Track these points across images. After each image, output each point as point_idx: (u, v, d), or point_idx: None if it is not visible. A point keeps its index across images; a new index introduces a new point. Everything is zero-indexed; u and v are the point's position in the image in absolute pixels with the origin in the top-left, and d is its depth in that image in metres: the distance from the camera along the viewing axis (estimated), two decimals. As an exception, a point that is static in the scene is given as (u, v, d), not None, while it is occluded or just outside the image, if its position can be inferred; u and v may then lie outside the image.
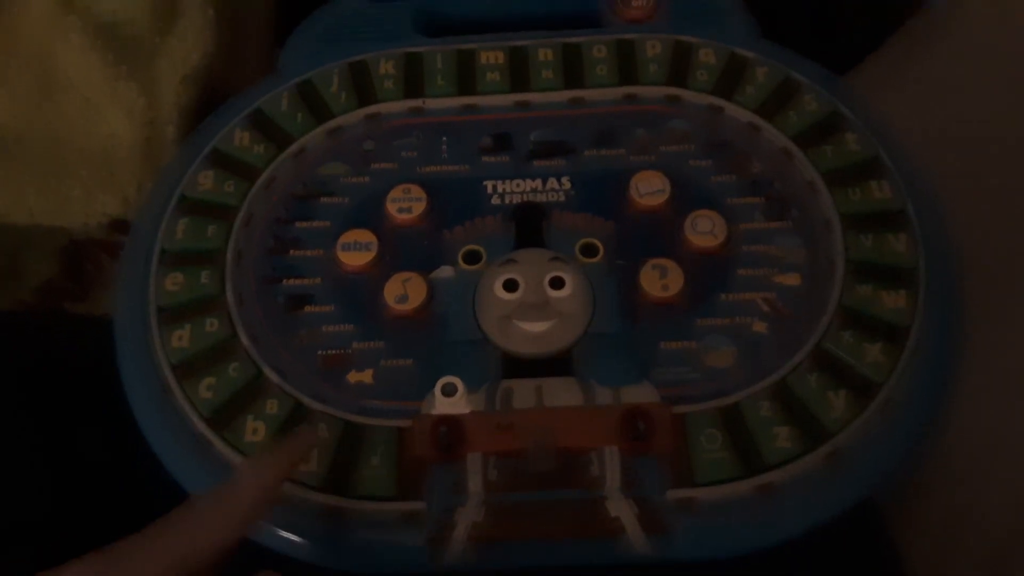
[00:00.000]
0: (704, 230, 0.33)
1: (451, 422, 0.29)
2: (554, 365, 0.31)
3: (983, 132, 0.40)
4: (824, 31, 0.45)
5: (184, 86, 0.42)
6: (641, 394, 0.29)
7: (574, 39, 0.38)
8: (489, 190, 0.35)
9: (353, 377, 0.31)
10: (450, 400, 0.29)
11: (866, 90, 0.42)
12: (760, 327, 0.31)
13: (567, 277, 0.32)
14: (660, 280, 0.32)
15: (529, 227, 0.34)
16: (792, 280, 0.32)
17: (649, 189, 0.34)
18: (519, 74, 0.37)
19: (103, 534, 0.23)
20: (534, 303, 0.31)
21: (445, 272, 0.33)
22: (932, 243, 0.32)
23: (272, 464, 0.25)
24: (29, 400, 0.38)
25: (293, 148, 0.36)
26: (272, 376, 0.30)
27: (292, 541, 0.28)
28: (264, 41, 0.47)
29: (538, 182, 0.35)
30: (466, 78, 0.37)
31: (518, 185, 0.35)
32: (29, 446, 0.37)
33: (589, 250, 0.33)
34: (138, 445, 0.30)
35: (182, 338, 0.31)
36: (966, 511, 0.36)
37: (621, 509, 0.28)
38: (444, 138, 0.36)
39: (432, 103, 0.37)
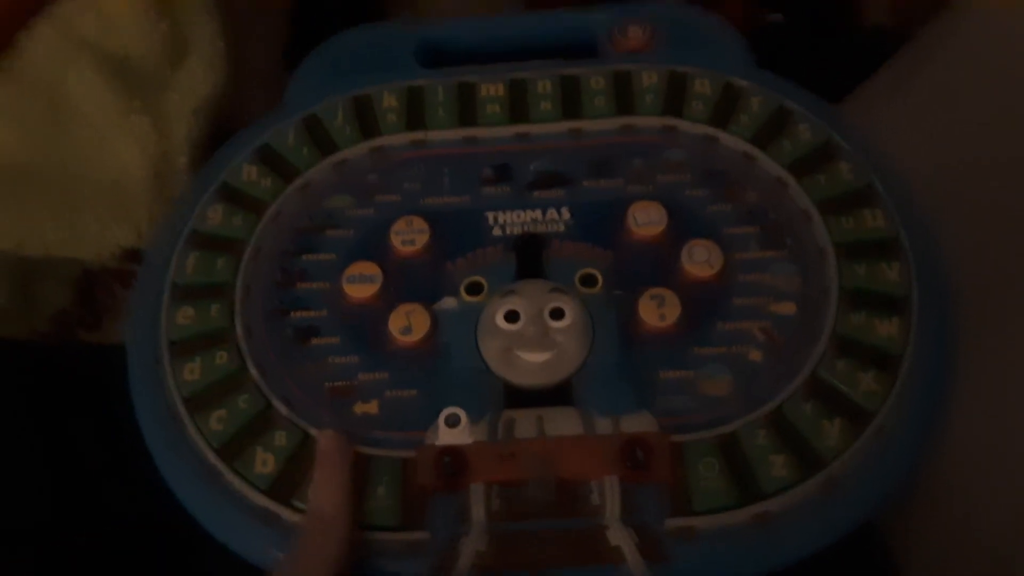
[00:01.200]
0: (700, 259, 0.34)
1: (454, 452, 0.29)
2: (555, 395, 0.31)
3: (978, 156, 0.41)
4: (819, 59, 0.46)
5: (195, 118, 0.43)
6: (640, 423, 0.30)
7: (572, 71, 0.39)
8: (490, 221, 0.36)
9: (359, 408, 0.32)
10: (453, 431, 0.30)
11: (860, 117, 0.43)
12: (756, 355, 0.32)
13: (566, 308, 0.32)
14: (658, 310, 0.33)
15: (529, 258, 0.35)
16: (787, 309, 0.33)
17: (646, 219, 0.35)
18: (518, 106, 0.38)
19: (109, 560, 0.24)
20: (534, 334, 0.32)
21: (448, 303, 0.33)
22: (925, 271, 0.33)
23: (325, 493, 0.27)
24: (43, 427, 0.39)
25: (299, 181, 0.37)
26: (281, 408, 0.31)
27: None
28: (274, 71, 0.48)
29: (538, 212, 0.36)
30: (467, 110, 0.38)
31: (518, 216, 0.36)
32: (42, 473, 0.38)
33: (588, 280, 0.34)
34: (147, 472, 0.31)
35: (193, 371, 0.32)
36: (965, 523, 0.37)
37: (621, 538, 0.28)
38: (446, 170, 0.37)
39: (434, 135, 0.38)
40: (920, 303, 0.32)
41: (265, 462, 0.30)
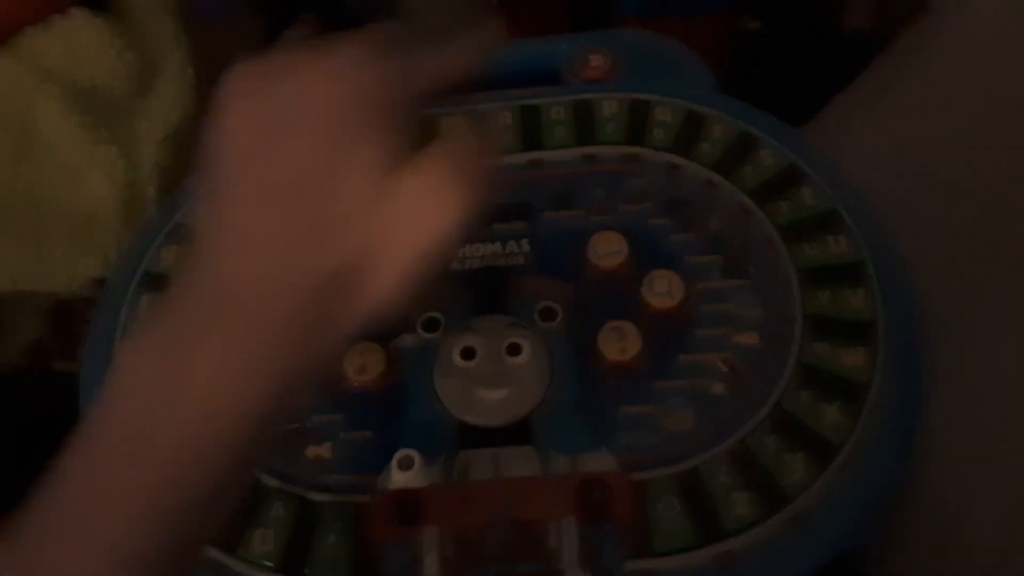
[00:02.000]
0: (661, 291, 0.33)
1: (408, 496, 0.28)
2: (513, 433, 0.31)
3: (945, 176, 0.40)
4: (800, 64, 0.45)
5: (163, 146, 0.43)
6: (598, 463, 0.29)
7: (532, 101, 0.39)
8: (449, 255, 0.35)
9: (312, 451, 0.31)
10: (407, 473, 0.29)
11: (837, 130, 0.43)
12: (719, 388, 0.31)
13: (524, 344, 0.32)
14: (618, 343, 0.32)
15: (488, 293, 0.34)
16: (750, 339, 0.32)
17: (607, 250, 0.34)
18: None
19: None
20: (491, 371, 0.31)
21: (404, 341, 0.33)
22: (892, 297, 0.32)
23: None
24: (17, 457, 0.38)
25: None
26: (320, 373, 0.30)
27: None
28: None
29: (498, 245, 0.35)
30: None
31: (478, 248, 0.35)
32: (17, 502, 0.37)
33: (547, 314, 0.33)
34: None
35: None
36: (953, 537, 0.36)
37: (579, 582, 0.27)
38: (405, 204, 0.37)
39: (393, 169, 0.38)
40: (886, 330, 0.31)
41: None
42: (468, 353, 0.32)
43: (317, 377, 0.23)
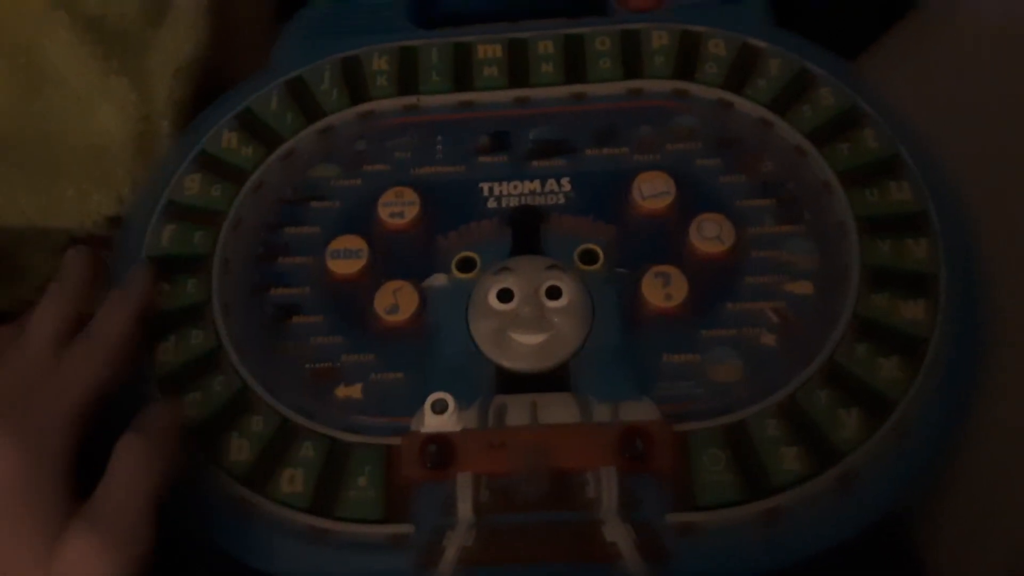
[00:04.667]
0: (710, 235, 0.31)
1: (441, 440, 0.27)
2: (550, 379, 0.29)
3: (1004, 115, 0.38)
4: (833, 16, 0.42)
5: (178, 79, 0.41)
6: (640, 411, 0.28)
7: (576, 30, 0.36)
8: (485, 192, 0.33)
9: (342, 392, 0.30)
10: (440, 417, 0.28)
11: (879, 75, 0.40)
12: (768, 339, 0.30)
13: (564, 287, 0.30)
14: (663, 289, 0.30)
15: (526, 232, 0.32)
16: (803, 288, 0.30)
17: (653, 191, 0.32)
18: (518, 69, 0.36)
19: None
20: (529, 314, 0.30)
21: (438, 280, 0.31)
22: (955, 249, 0.30)
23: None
24: None
25: (282, 149, 0.35)
26: (258, 391, 0.29)
27: (277, 562, 0.27)
28: (261, 28, 0.46)
29: (536, 183, 0.33)
30: (462, 73, 0.36)
31: (515, 187, 0.33)
32: None
33: (588, 257, 0.31)
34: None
35: (167, 350, 0.30)
36: (990, 516, 0.35)
37: (618, 533, 0.26)
38: (439, 137, 0.35)
39: (426, 100, 0.36)
40: (948, 284, 0.29)
41: (240, 448, 0.28)
42: (505, 295, 0.30)
43: None
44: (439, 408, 0.28)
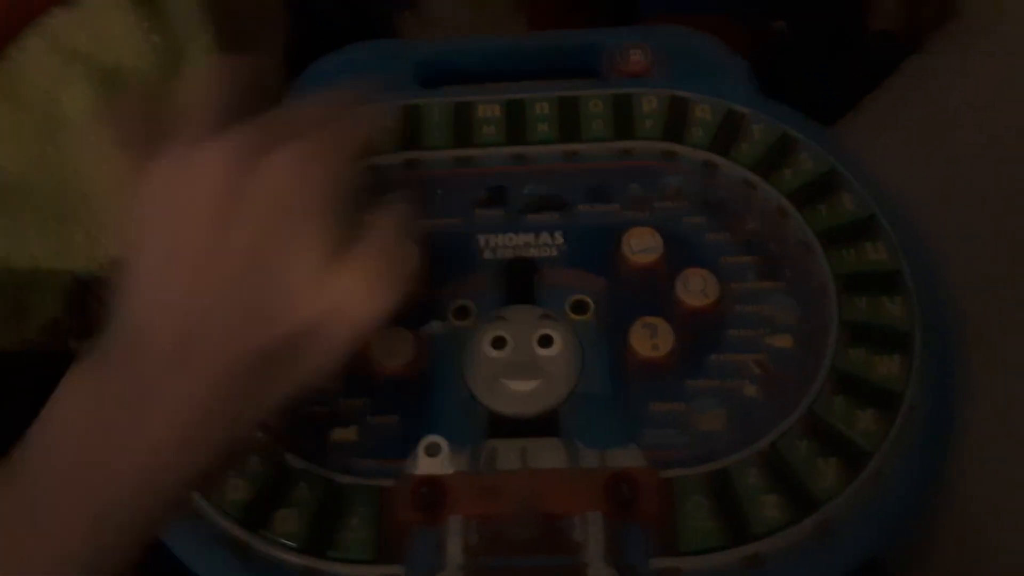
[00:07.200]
0: (696, 289, 0.33)
1: (433, 483, 0.28)
2: (541, 425, 0.30)
3: (975, 183, 0.40)
4: (825, 68, 0.45)
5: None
6: (627, 458, 0.29)
7: (571, 93, 0.38)
8: (482, 244, 0.35)
9: (337, 434, 0.31)
10: (433, 460, 0.29)
11: (862, 136, 0.42)
12: (751, 390, 0.31)
13: (555, 335, 0.31)
14: (650, 339, 0.32)
15: (520, 283, 0.34)
16: (784, 342, 0.32)
17: (641, 246, 0.34)
18: (516, 127, 0.38)
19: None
20: (521, 361, 0.31)
21: (434, 327, 0.33)
22: (928, 306, 0.32)
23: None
24: None
25: (289, 199, 0.36)
26: (255, 432, 0.30)
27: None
28: (273, 84, 0.48)
29: (531, 236, 0.35)
30: (463, 130, 0.38)
31: (510, 239, 0.35)
32: None
33: (579, 307, 0.33)
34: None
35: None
36: (979, 546, 0.35)
37: (603, 577, 0.27)
38: (439, 191, 0.36)
39: (428, 155, 0.37)
40: (922, 340, 0.31)
41: (237, 487, 0.29)
42: (499, 343, 0.31)
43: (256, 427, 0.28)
44: (432, 451, 0.29)
